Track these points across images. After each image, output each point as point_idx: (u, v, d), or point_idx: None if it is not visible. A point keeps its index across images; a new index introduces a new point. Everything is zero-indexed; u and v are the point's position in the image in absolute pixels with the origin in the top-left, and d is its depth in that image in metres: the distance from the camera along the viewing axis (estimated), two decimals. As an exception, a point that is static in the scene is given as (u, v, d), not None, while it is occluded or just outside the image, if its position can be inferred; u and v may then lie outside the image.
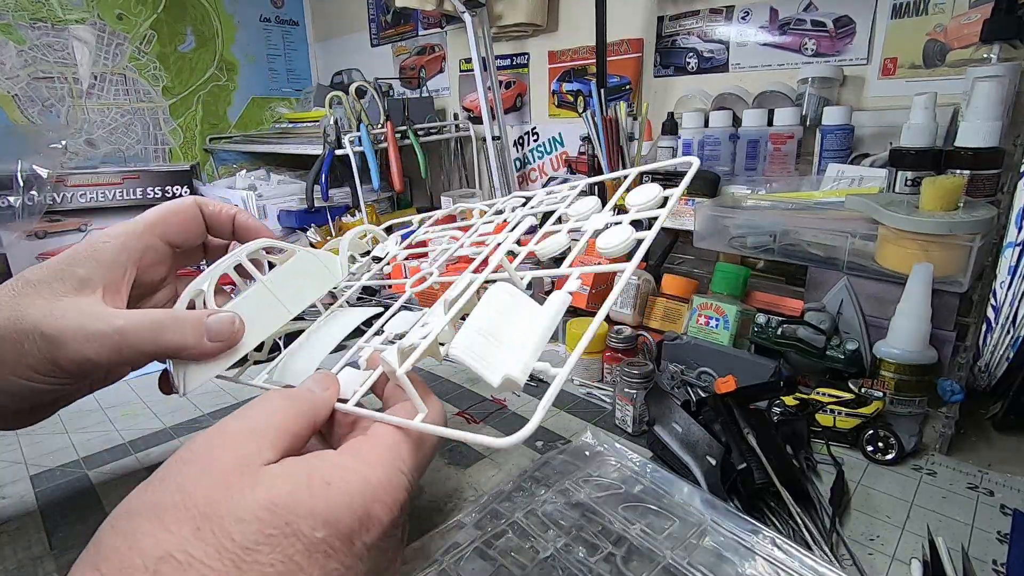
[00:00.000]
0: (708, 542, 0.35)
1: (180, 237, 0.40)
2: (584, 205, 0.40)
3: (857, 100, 0.83)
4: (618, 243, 0.34)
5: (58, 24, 1.45)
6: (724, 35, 0.95)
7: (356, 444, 0.28)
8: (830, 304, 0.59)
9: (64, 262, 0.34)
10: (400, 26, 1.58)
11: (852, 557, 0.37)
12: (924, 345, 0.51)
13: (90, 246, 0.35)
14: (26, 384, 0.32)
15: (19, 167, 0.95)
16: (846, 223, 0.59)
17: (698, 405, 0.48)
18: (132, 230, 0.38)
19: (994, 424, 0.52)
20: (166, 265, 0.41)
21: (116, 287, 0.36)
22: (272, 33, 1.86)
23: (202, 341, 0.34)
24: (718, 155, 0.83)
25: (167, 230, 0.39)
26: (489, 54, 1.19)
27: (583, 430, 0.49)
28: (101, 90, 1.55)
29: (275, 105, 1.89)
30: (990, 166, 0.56)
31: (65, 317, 0.31)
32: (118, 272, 0.36)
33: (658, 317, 0.67)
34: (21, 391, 0.32)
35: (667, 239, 0.81)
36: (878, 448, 0.47)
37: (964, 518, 0.40)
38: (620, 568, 0.33)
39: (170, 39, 1.64)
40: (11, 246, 0.96)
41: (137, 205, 1.05)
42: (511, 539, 0.35)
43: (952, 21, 0.73)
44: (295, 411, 0.29)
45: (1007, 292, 0.51)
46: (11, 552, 0.37)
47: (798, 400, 0.51)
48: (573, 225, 0.39)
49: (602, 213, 0.38)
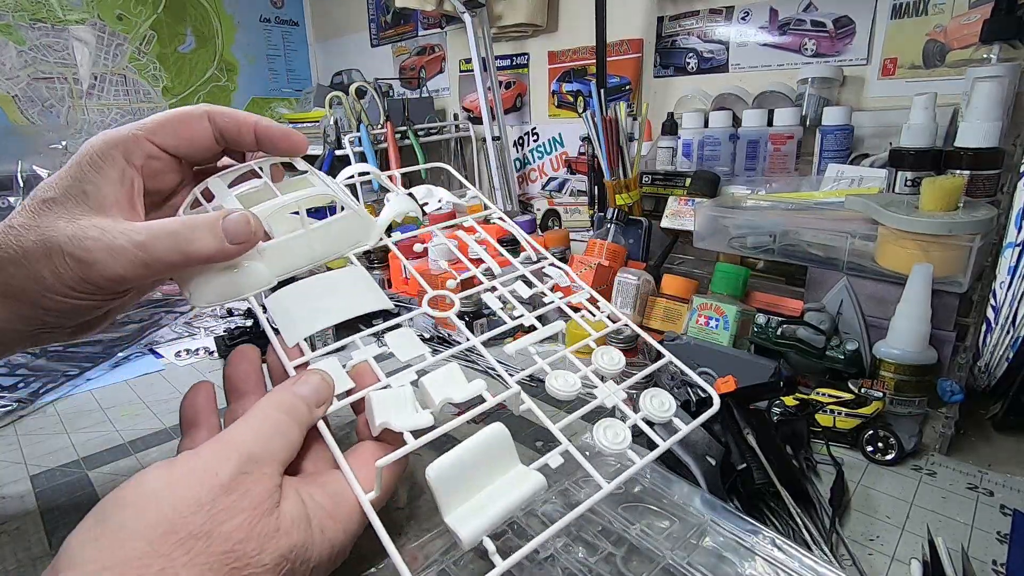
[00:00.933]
0: (708, 542, 0.35)
1: (185, 149, 0.37)
2: (608, 359, 0.37)
3: (857, 100, 0.83)
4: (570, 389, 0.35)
5: (58, 24, 1.45)
6: (724, 35, 0.95)
7: (339, 489, 0.29)
8: (830, 304, 0.59)
9: (73, 178, 0.33)
10: (400, 26, 1.59)
11: (852, 557, 0.37)
12: (924, 345, 0.51)
13: (92, 160, 0.33)
14: (69, 301, 0.32)
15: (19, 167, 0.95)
16: (846, 223, 0.59)
17: (698, 405, 0.48)
18: (130, 138, 0.35)
19: (994, 424, 0.52)
20: (177, 173, 0.38)
21: (129, 201, 0.34)
22: (272, 33, 1.86)
23: (223, 244, 0.33)
24: (718, 155, 0.83)
25: (167, 140, 0.36)
26: (489, 54, 1.19)
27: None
28: (101, 90, 1.55)
29: (275, 105, 1.89)
30: (990, 166, 0.56)
31: (88, 237, 0.30)
32: (127, 186, 0.34)
33: (658, 317, 0.67)
34: (66, 309, 0.32)
35: (667, 239, 0.81)
36: (878, 448, 0.47)
37: (964, 518, 0.40)
38: (620, 568, 0.33)
39: (170, 39, 1.64)
40: (11, 246, 0.96)
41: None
42: (510, 539, 0.35)
43: (952, 21, 0.73)
44: (298, 443, 0.30)
45: (1007, 292, 0.51)
46: (11, 552, 0.37)
47: (798, 400, 0.51)
48: (585, 373, 0.37)
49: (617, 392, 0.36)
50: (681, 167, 0.87)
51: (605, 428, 0.33)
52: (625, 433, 0.33)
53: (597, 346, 0.38)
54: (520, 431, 0.52)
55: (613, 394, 0.35)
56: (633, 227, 0.81)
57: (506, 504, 0.28)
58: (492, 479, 0.30)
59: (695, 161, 0.86)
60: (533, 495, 0.30)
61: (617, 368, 0.36)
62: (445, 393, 0.33)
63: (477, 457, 0.30)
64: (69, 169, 0.33)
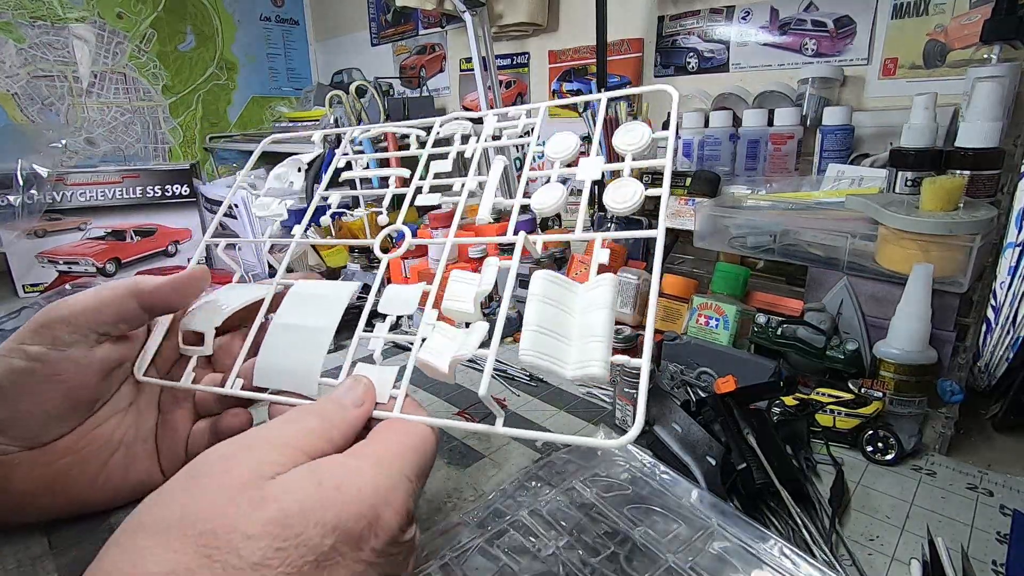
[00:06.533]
0: (714, 546, 0.35)
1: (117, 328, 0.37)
2: (563, 144, 0.36)
3: (857, 100, 0.83)
4: (628, 202, 0.32)
5: (58, 23, 1.45)
6: (724, 35, 0.95)
7: (363, 449, 0.28)
8: (830, 304, 0.59)
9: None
10: (400, 25, 1.58)
11: (852, 557, 0.37)
12: (924, 345, 0.51)
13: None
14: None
15: (19, 166, 0.94)
16: (846, 223, 0.59)
17: (698, 405, 0.48)
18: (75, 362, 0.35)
19: (994, 424, 0.52)
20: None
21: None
22: (272, 32, 1.86)
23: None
24: (718, 155, 0.83)
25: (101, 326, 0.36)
26: (489, 54, 1.19)
27: (591, 431, 0.49)
28: (101, 89, 1.55)
29: (275, 104, 1.89)
30: (990, 166, 0.56)
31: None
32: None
33: (658, 317, 0.67)
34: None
35: (667, 239, 0.81)
36: (878, 448, 0.47)
37: (964, 518, 0.40)
38: (623, 567, 0.33)
39: (170, 38, 1.64)
40: (11, 245, 0.96)
41: (137, 204, 1.05)
42: (514, 537, 0.35)
43: (952, 21, 0.73)
44: (325, 434, 0.28)
45: (1007, 292, 0.51)
46: (11, 552, 0.37)
47: (798, 400, 0.51)
48: (561, 172, 0.36)
49: (592, 159, 0.35)
50: (681, 167, 0.87)
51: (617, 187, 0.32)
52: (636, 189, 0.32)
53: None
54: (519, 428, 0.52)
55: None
56: (633, 227, 0.81)
57: (605, 320, 0.27)
58: (572, 313, 0.29)
59: (695, 161, 0.86)
60: (615, 292, 0.29)
61: (645, 141, 0.34)
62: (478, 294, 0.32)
63: (545, 309, 0.28)
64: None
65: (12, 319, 0.79)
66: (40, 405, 0.34)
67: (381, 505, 0.25)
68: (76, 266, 1.00)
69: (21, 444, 0.34)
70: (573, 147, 0.36)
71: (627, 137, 0.34)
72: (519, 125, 0.40)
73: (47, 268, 0.99)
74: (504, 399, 0.58)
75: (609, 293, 0.28)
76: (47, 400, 0.34)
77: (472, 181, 0.39)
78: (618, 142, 0.35)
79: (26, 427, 0.34)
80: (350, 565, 0.24)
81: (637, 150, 0.34)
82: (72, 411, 0.36)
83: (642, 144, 0.34)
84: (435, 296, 0.35)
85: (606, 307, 0.28)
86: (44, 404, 0.34)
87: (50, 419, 0.35)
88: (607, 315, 0.27)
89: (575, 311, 0.29)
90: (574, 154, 0.36)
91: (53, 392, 0.34)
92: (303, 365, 0.34)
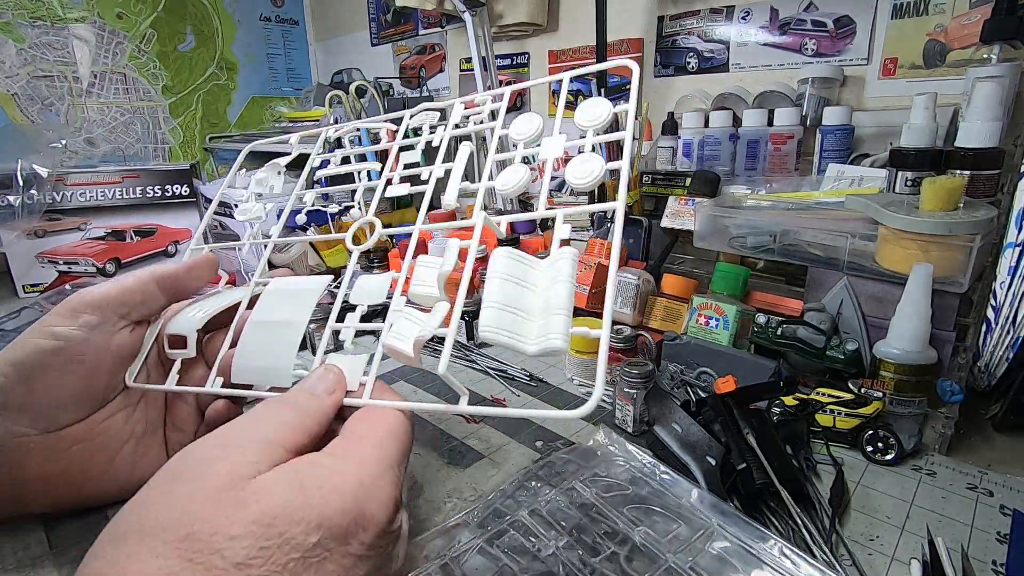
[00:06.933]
0: (714, 546, 0.35)
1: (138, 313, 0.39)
2: (527, 125, 0.37)
3: (857, 100, 0.83)
4: (589, 177, 0.32)
5: (58, 23, 1.45)
6: (724, 35, 0.95)
7: (341, 445, 0.28)
8: (830, 304, 0.59)
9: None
10: (400, 25, 1.58)
11: (852, 557, 0.37)
12: (924, 345, 0.51)
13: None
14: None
15: (19, 166, 0.94)
16: (846, 223, 0.59)
17: (698, 405, 0.48)
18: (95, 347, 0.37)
19: (994, 424, 0.52)
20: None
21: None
22: (272, 32, 1.86)
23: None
24: (718, 155, 0.83)
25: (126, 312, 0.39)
26: (489, 54, 1.19)
27: (591, 431, 0.49)
28: (101, 89, 1.54)
29: (275, 104, 1.89)
30: (990, 166, 0.56)
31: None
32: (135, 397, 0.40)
33: (658, 317, 0.67)
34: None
35: (667, 239, 0.81)
36: (878, 448, 0.47)
37: (964, 518, 0.40)
38: (623, 567, 0.33)
39: (170, 38, 1.64)
40: (11, 245, 0.96)
41: (137, 204, 1.05)
42: (514, 537, 0.35)
43: (952, 21, 0.73)
44: (301, 425, 0.28)
45: (1007, 292, 0.51)
46: (11, 552, 0.37)
47: (798, 400, 0.51)
48: (525, 152, 0.36)
49: (555, 138, 0.35)
50: (681, 167, 0.87)
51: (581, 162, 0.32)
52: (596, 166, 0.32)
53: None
54: (520, 431, 0.52)
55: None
56: (633, 227, 0.81)
57: (565, 294, 0.27)
58: (532, 290, 0.29)
59: (695, 161, 0.86)
60: (574, 266, 0.29)
61: (606, 116, 0.35)
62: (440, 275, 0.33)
63: (505, 286, 0.29)
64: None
65: (12, 319, 0.79)
66: (59, 387, 0.35)
67: (366, 500, 0.25)
68: (76, 266, 1.00)
69: (37, 428, 0.35)
70: (536, 128, 0.37)
71: (589, 113, 0.35)
72: (484, 111, 0.41)
73: (47, 268, 0.99)
74: (504, 399, 0.58)
75: (568, 266, 0.29)
76: (66, 382, 0.35)
77: (440, 169, 0.40)
78: (580, 118, 0.35)
79: (44, 410, 0.35)
80: (338, 560, 0.24)
81: (599, 126, 0.35)
82: (87, 397, 0.37)
83: (604, 120, 0.34)
84: (403, 284, 0.36)
85: (567, 279, 0.28)
86: (63, 386, 0.35)
87: (67, 403, 0.36)
88: (567, 287, 0.28)
89: (538, 287, 0.30)
90: (538, 135, 0.37)
91: (72, 375, 0.36)
92: (276, 360, 0.35)
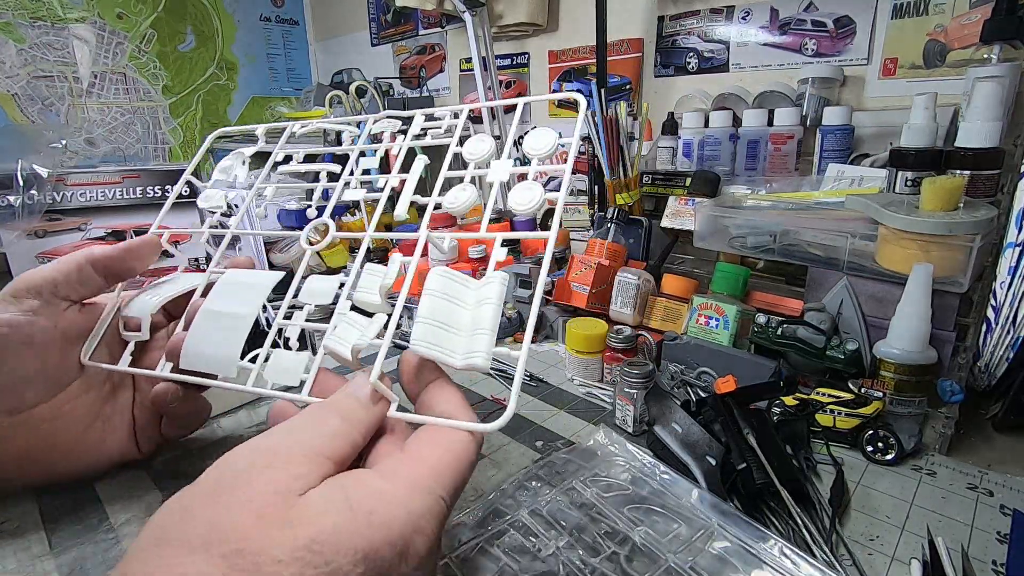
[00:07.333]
0: (714, 546, 0.35)
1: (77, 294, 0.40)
2: (479, 146, 0.39)
3: (857, 100, 0.83)
4: (529, 204, 0.34)
5: (58, 23, 1.45)
6: (724, 35, 0.95)
7: (396, 466, 0.27)
8: (830, 304, 0.59)
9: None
10: (400, 26, 1.58)
11: (852, 557, 0.37)
12: (924, 345, 0.51)
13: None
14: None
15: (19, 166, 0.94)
16: (846, 223, 0.59)
17: (698, 405, 0.48)
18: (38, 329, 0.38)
19: (994, 424, 0.52)
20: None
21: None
22: (272, 32, 1.86)
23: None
24: (718, 155, 0.83)
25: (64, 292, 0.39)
26: (489, 54, 1.19)
27: (591, 431, 0.49)
28: (101, 89, 1.55)
29: (275, 104, 1.89)
30: (990, 166, 0.56)
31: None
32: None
33: (658, 317, 0.67)
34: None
35: (667, 239, 0.81)
36: (878, 448, 0.47)
37: (964, 518, 0.40)
38: (624, 567, 0.33)
39: (170, 38, 1.64)
40: (11, 245, 0.96)
41: (137, 204, 1.05)
42: (514, 537, 0.35)
43: (952, 21, 0.73)
44: (347, 435, 0.27)
45: (1007, 292, 0.51)
46: (11, 552, 0.37)
47: (798, 400, 0.51)
48: (474, 172, 0.38)
49: (502, 161, 0.37)
50: (681, 167, 0.87)
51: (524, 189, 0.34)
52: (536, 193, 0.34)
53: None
54: (520, 431, 0.52)
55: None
56: (633, 227, 0.81)
57: (491, 316, 0.29)
58: (464, 308, 0.31)
59: (695, 161, 0.86)
60: (503, 290, 0.31)
61: (551, 146, 0.37)
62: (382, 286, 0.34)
63: (438, 303, 0.31)
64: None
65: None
66: (16, 370, 0.37)
67: (412, 533, 0.24)
68: (76, 266, 0.99)
69: (3, 410, 0.37)
70: (488, 149, 0.39)
71: (536, 142, 0.37)
72: (443, 126, 0.43)
73: (47, 268, 0.99)
74: (504, 399, 0.58)
75: (497, 288, 0.30)
76: (22, 364, 0.37)
77: (395, 178, 0.41)
78: (527, 146, 0.37)
79: (4, 392, 0.37)
80: None
81: (543, 155, 0.37)
82: (44, 376, 0.38)
83: (547, 151, 0.36)
84: (346, 286, 0.37)
85: (494, 302, 0.30)
86: (20, 369, 0.37)
87: (27, 384, 0.37)
88: (494, 310, 0.30)
89: (469, 305, 0.31)
90: (488, 157, 0.39)
91: (24, 357, 0.37)
92: (223, 349, 0.36)
